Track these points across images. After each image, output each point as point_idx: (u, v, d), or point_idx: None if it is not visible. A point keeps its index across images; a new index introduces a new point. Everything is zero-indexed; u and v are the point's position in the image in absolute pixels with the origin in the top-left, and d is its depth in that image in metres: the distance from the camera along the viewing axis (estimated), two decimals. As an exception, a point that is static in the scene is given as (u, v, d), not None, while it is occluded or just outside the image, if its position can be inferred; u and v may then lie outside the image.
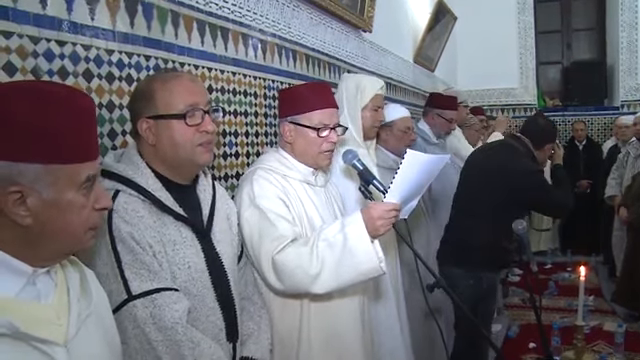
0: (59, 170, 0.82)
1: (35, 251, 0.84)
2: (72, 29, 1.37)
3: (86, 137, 0.87)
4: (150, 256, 1.19)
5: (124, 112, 1.55)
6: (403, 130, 2.71)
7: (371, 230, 1.50)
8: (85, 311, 0.92)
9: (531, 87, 7.01)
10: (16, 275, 0.83)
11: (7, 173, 0.78)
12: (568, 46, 7.30)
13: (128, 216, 1.19)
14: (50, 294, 0.88)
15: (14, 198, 0.79)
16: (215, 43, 1.98)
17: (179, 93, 1.27)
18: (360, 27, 3.42)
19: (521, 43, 6.97)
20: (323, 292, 1.55)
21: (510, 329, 4.04)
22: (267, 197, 1.62)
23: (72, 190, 0.84)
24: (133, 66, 1.60)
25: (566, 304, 4.45)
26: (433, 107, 3.41)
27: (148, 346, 1.13)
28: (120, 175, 1.24)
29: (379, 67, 3.85)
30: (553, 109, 7.04)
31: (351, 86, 2.25)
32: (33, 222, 0.81)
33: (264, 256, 1.55)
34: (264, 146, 2.30)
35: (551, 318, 4.06)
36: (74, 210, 0.85)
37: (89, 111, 0.89)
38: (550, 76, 7.45)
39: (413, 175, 1.51)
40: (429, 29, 5.00)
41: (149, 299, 1.15)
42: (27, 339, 0.80)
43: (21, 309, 0.82)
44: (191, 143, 1.28)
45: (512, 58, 6.93)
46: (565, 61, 7.32)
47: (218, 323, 1.31)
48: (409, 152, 1.47)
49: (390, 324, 2.16)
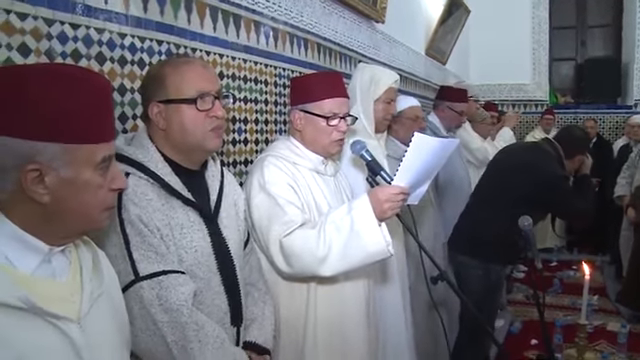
0: (76, 150, 0.84)
1: (52, 229, 0.86)
2: (86, 12, 1.39)
3: (102, 118, 0.89)
4: (158, 239, 1.21)
5: (135, 96, 1.56)
6: (412, 118, 2.70)
7: (378, 213, 1.51)
8: (97, 290, 0.94)
9: (543, 83, 6.97)
10: (33, 252, 0.85)
11: (26, 152, 0.81)
12: (582, 43, 7.22)
13: (137, 199, 1.21)
14: (64, 272, 0.91)
15: (33, 176, 0.82)
16: (227, 30, 1.99)
17: (190, 78, 1.28)
18: (373, 18, 3.41)
19: (535, 38, 6.91)
20: (331, 274, 1.56)
21: (513, 325, 4.04)
22: (277, 183, 1.63)
23: (89, 170, 0.86)
24: (145, 50, 1.61)
25: (570, 302, 4.43)
26: (443, 100, 3.40)
27: (153, 326, 1.15)
28: (130, 158, 1.25)
29: (391, 58, 3.84)
30: (564, 106, 7.00)
31: (365, 77, 2.24)
32: (51, 200, 0.84)
33: (272, 240, 1.57)
34: (273, 134, 2.31)
35: (554, 315, 4.05)
36: (90, 189, 0.87)
37: (105, 92, 0.91)
38: (563, 73, 7.39)
39: (422, 159, 1.51)
40: (442, 21, 4.97)
41: (156, 281, 1.16)
42: (42, 314, 0.82)
43: (37, 285, 0.84)
44: (201, 128, 1.29)
45: (525, 53, 6.88)
46: (579, 58, 7.25)
47: (223, 307, 1.33)
48: (417, 135, 1.47)
49: (395, 309, 2.18)
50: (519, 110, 6.86)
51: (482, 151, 3.76)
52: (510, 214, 2.26)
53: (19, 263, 0.84)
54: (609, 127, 6.78)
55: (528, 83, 6.97)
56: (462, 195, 3.22)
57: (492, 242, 2.54)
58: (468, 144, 3.71)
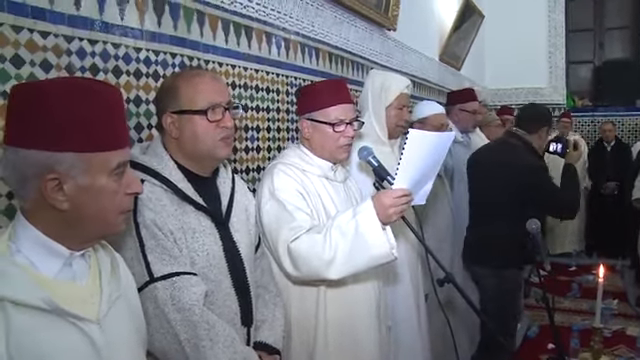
0: (92, 158, 0.89)
1: (72, 234, 0.92)
2: (103, 28, 1.46)
3: (116, 127, 0.94)
4: (171, 242, 1.26)
5: (150, 107, 1.63)
6: (437, 127, 2.70)
7: (383, 217, 1.53)
8: (115, 292, 0.99)
9: (560, 87, 6.89)
10: (55, 257, 0.91)
11: (46, 162, 0.86)
12: (600, 45, 7.13)
13: (152, 204, 1.27)
14: (84, 276, 0.96)
15: (52, 185, 0.87)
16: (239, 41, 2.05)
17: (202, 90, 1.34)
18: (384, 25, 3.45)
19: (551, 42, 6.85)
20: (337, 277, 1.59)
21: (530, 329, 4.01)
22: (286, 190, 1.67)
23: (104, 176, 0.91)
24: (160, 63, 1.67)
25: (588, 307, 4.37)
26: (454, 104, 3.41)
27: (167, 325, 1.21)
28: (145, 166, 1.32)
29: (403, 65, 3.86)
30: (582, 109, 6.92)
31: (377, 84, 2.26)
32: (70, 207, 0.89)
33: (281, 244, 1.61)
34: (285, 141, 2.36)
35: (572, 320, 4.02)
36: (107, 195, 0.92)
37: (117, 103, 0.96)
38: (580, 76, 7.29)
39: (420, 155, 1.51)
40: (456, 27, 4.98)
41: (169, 282, 1.22)
42: (65, 315, 0.87)
43: (59, 288, 0.89)
44: (212, 137, 1.34)
45: (541, 57, 6.82)
46: (597, 60, 7.15)
47: (233, 308, 1.38)
48: (412, 131, 1.48)
49: (407, 309, 2.20)
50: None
51: None
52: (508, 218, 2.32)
53: (42, 267, 0.89)
54: (628, 130, 6.67)
55: (545, 87, 6.90)
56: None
57: (498, 248, 2.56)
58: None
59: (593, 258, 5.90)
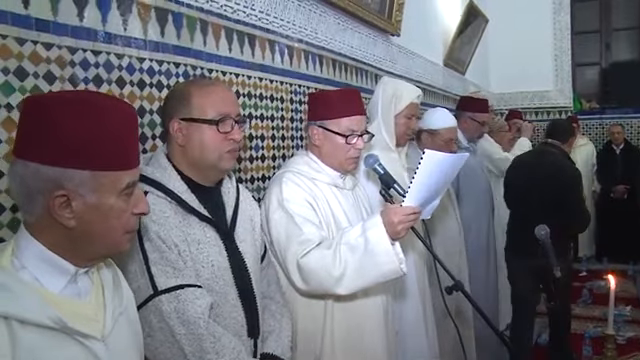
0: (103, 177, 0.88)
1: (78, 251, 0.91)
2: (106, 39, 1.47)
3: (128, 146, 0.93)
4: (175, 254, 1.26)
5: (154, 117, 1.63)
6: (446, 141, 2.70)
7: (391, 233, 1.55)
8: (118, 309, 0.99)
9: (566, 89, 6.87)
10: (60, 273, 0.90)
11: (55, 178, 0.85)
12: (607, 46, 7.11)
13: (155, 216, 1.26)
14: (89, 293, 0.96)
15: (60, 201, 0.86)
16: (242, 50, 2.06)
17: (215, 100, 1.34)
18: (388, 31, 3.46)
19: (556, 44, 6.83)
20: (346, 293, 1.61)
21: (540, 336, 3.98)
22: (295, 200, 1.67)
23: (114, 195, 0.90)
24: (163, 73, 1.68)
25: (600, 313, 4.34)
26: (465, 110, 3.39)
27: (172, 339, 1.20)
28: (149, 177, 1.31)
29: (408, 70, 3.87)
30: (589, 112, 6.89)
31: (388, 92, 2.27)
32: (77, 224, 0.88)
33: (290, 259, 1.61)
34: (290, 150, 2.36)
35: (584, 327, 3.98)
36: (115, 214, 0.91)
37: (131, 120, 0.95)
38: (587, 78, 7.27)
39: (432, 175, 1.53)
40: (460, 32, 4.99)
41: (174, 294, 1.22)
42: (72, 333, 0.87)
43: (64, 305, 0.89)
44: (219, 149, 1.35)
45: (547, 60, 6.81)
46: (603, 62, 7.13)
47: (239, 319, 1.38)
48: (428, 152, 1.49)
49: (415, 320, 2.19)
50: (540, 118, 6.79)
51: (505, 161, 3.74)
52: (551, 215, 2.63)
53: (47, 283, 0.88)
54: (637, 132, 6.63)
55: (550, 90, 6.89)
56: (484, 206, 3.22)
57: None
58: (491, 155, 3.70)
59: (604, 263, 5.85)
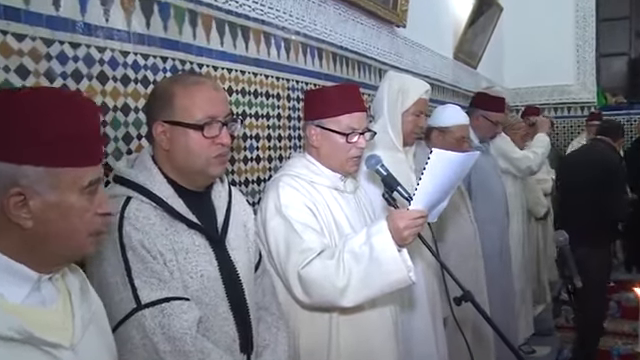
0: (61, 173, 0.89)
1: (38, 256, 0.91)
2: (86, 31, 1.47)
3: (90, 142, 0.93)
4: (161, 265, 1.25)
5: (140, 115, 1.63)
6: (457, 139, 2.71)
7: (398, 239, 1.54)
8: (87, 315, 0.99)
9: (589, 83, 6.84)
10: (22, 281, 0.90)
11: (9, 175, 0.85)
12: (637, 34, 7.06)
13: (139, 223, 1.26)
14: (54, 300, 0.95)
15: (16, 200, 0.86)
16: (235, 43, 2.06)
17: (199, 102, 1.33)
18: (393, 22, 3.46)
19: (579, 34, 6.79)
20: (351, 305, 1.60)
21: (561, 353, 3.96)
22: (294, 206, 1.67)
23: (74, 194, 0.91)
24: (149, 68, 1.68)
25: (630, 328, 4.28)
26: (478, 107, 3.38)
27: (156, 356, 1.20)
28: (132, 181, 1.31)
29: (414, 65, 3.87)
30: (616, 107, 6.87)
31: (394, 87, 2.27)
32: (35, 225, 0.88)
33: (291, 270, 1.61)
34: (287, 150, 2.36)
35: (611, 343, 3.96)
36: (76, 214, 0.91)
37: (92, 115, 0.96)
38: (614, 70, 7.24)
39: (440, 176, 1.53)
40: (471, 22, 4.99)
41: (158, 308, 1.21)
42: (38, 343, 0.87)
43: (29, 315, 0.88)
44: (206, 154, 1.34)
45: (568, 51, 6.78)
46: (633, 52, 7.09)
47: (231, 334, 1.37)
48: (435, 151, 1.49)
49: (424, 332, 2.20)
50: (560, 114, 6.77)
51: (524, 160, 3.74)
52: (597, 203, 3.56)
53: (8, 293, 0.87)
54: (668, 129, 6.60)
55: (572, 84, 6.85)
56: (497, 209, 3.22)
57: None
58: (508, 154, 3.69)
59: (633, 273, 5.82)
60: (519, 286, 3.65)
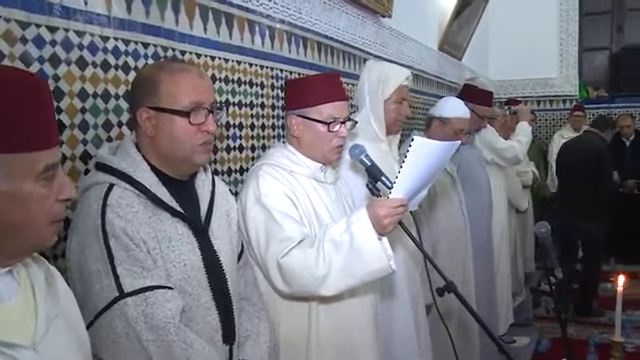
0: (13, 160, 0.83)
1: None
2: (64, 14, 1.44)
3: (41, 123, 0.87)
4: (144, 253, 1.24)
5: (120, 102, 1.61)
6: (456, 131, 2.75)
7: (378, 228, 1.55)
8: (53, 311, 0.94)
9: (572, 76, 6.92)
10: None
11: None
12: (619, 29, 7.13)
13: (122, 211, 1.24)
14: (13, 295, 0.89)
15: None
16: (219, 30, 2.04)
17: (186, 89, 1.32)
18: (378, 12, 3.46)
19: (562, 27, 6.86)
20: (331, 294, 1.61)
21: (540, 343, 4.03)
22: (273, 195, 1.67)
23: (30, 180, 0.85)
24: (130, 54, 1.66)
25: (607, 319, 4.38)
26: (465, 100, 3.39)
27: (139, 345, 1.19)
28: (115, 168, 1.30)
29: (399, 55, 3.87)
30: (597, 100, 6.94)
31: (373, 76, 2.27)
32: None
33: (270, 259, 1.61)
34: (271, 139, 2.35)
35: (588, 333, 4.03)
36: (34, 201, 0.86)
37: (42, 93, 0.89)
38: (595, 64, 7.30)
39: (422, 164, 1.53)
40: (457, 13, 5.00)
41: (141, 297, 1.20)
42: None
43: None
44: (191, 142, 1.33)
45: (551, 44, 6.85)
46: (614, 46, 7.16)
47: (214, 324, 1.37)
48: (417, 139, 1.49)
49: (405, 321, 2.21)
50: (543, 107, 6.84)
51: (509, 150, 3.77)
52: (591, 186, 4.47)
53: None
54: (650, 122, 6.69)
55: (555, 77, 6.93)
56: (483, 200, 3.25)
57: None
58: (494, 145, 3.72)
59: (611, 264, 5.92)
60: (500, 277, 3.70)
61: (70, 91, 1.46)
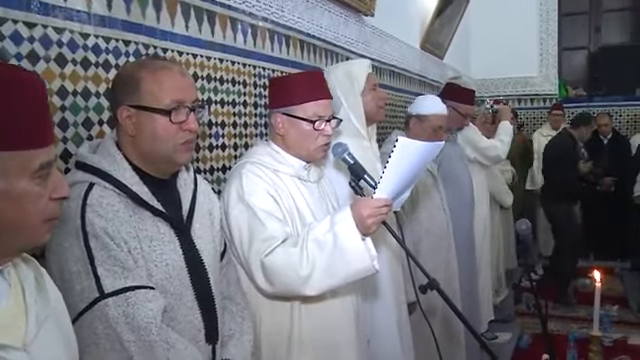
0: (8, 158, 0.83)
1: None
2: (42, 10, 1.41)
3: (37, 121, 0.87)
4: (125, 252, 1.23)
5: (101, 100, 1.60)
6: (434, 128, 2.77)
7: (362, 228, 1.55)
8: (43, 312, 0.93)
9: (552, 76, 7.00)
10: None
11: None
12: (597, 29, 7.22)
13: (103, 210, 1.23)
14: (4, 296, 0.89)
15: None
16: (201, 28, 2.03)
17: (167, 87, 1.31)
18: (361, 10, 3.46)
19: (542, 27, 6.94)
20: (315, 293, 1.61)
21: (521, 339, 4.07)
22: (256, 194, 1.66)
23: (24, 179, 0.85)
24: (111, 51, 1.64)
25: (586, 313, 4.45)
26: (448, 99, 3.40)
27: (120, 346, 1.17)
28: (95, 167, 1.28)
29: (381, 54, 3.88)
30: (576, 99, 7.03)
31: (340, 77, 2.29)
32: None
33: (253, 258, 1.60)
34: (253, 137, 2.35)
35: (568, 328, 4.09)
36: (29, 200, 0.86)
37: (38, 92, 0.89)
38: (574, 63, 7.40)
39: (406, 165, 1.54)
40: (439, 12, 5.02)
41: (122, 297, 1.19)
42: None
43: None
44: (173, 140, 1.32)
45: (531, 44, 6.92)
46: (592, 46, 7.26)
47: (197, 323, 1.36)
48: (401, 139, 1.50)
49: (387, 320, 2.23)
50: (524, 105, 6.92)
51: (492, 149, 3.80)
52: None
53: None
54: (626, 121, 6.78)
55: (535, 76, 7.00)
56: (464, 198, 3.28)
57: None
58: (476, 143, 3.74)
59: (589, 260, 6.01)
60: (482, 274, 3.73)
61: (49, 89, 1.44)
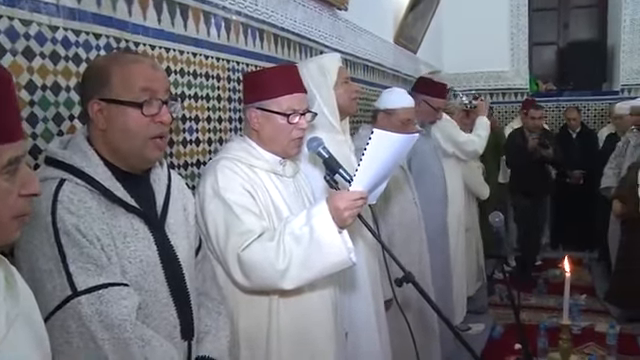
0: None
1: None
2: (8, 1, 1.38)
3: (3, 116, 0.84)
4: (98, 249, 1.21)
5: (71, 94, 1.57)
6: (403, 121, 2.78)
7: (338, 221, 1.56)
8: (13, 310, 0.91)
9: (523, 70, 7.10)
10: None
11: None
12: (565, 25, 7.36)
13: (74, 207, 1.21)
14: None
15: None
16: (173, 21, 2.01)
17: (138, 79, 1.29)
18: (335, 5, 3.46)
19: (513, 22, 7.01)
20: (292, 287, 1.61)
21: (494, 329, 4.15)
22: (232, 189, 1.66)
23: None
24: (81, 45, 1.61)
25: (556, 303, 4.53)
26: (420, 93, 3.43)
27: (93, 345, 1.16)
28: (65, 163, 1.26)
29: (356, 48, 3.89)
30: (546, 94, 7.15)
31: (313, 71, 2.28)
32: None
33: (230, 252, 1.60)
34: (227, 132, 2.33)
35: (539, 318, 4.18)
36: None
37: (6, 86, 0.87)
38: (544, 58, 7.53)
39: (381, 157, 1.55)
40: (412, 7, 5.05)
41: (95, 295, 1.17)
42: None
43: None
44: (144, 134, 1.30)
45: (503, 39, 7.00)
46: (561, 42, 7.39)
47: (172, 320, 1.35)
48: (377, 132, 1.50)
49: (365, 314, 2.24)
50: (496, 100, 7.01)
51: (469, 144, 3.84)
52: None
53: None
54: (594, 115, 6.93)
55: (507, 70, 7.09)
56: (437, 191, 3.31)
57: None
58: (454, 137, 3.77)
59: (559, 251, 6.14)
60: (457, 267, 3.78)
61: (17, 83, 1.40)
